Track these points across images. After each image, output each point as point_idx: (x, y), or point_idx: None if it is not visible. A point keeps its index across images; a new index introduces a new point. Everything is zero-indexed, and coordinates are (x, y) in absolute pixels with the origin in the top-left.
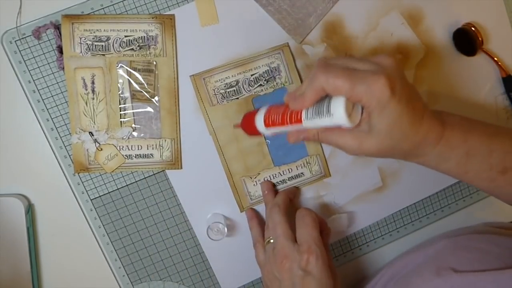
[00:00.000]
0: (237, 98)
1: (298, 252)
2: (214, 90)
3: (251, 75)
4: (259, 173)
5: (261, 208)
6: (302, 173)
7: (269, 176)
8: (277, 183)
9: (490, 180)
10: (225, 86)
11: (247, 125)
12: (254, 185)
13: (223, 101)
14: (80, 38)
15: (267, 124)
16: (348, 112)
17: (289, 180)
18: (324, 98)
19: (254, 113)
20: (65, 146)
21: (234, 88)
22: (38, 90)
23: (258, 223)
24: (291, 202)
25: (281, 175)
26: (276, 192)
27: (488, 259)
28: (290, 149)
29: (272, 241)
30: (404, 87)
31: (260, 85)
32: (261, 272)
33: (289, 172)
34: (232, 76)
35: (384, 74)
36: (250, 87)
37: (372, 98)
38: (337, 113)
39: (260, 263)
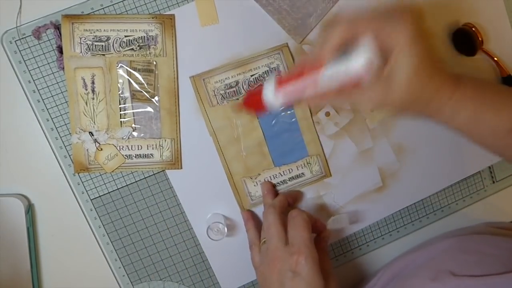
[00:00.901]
0: (237, 99)
1: (288, 253)
2: (214, 91)
3: (251, 75)
4: (259, 174)
5: (261, 209)
6: (302, 173)
7: (270, 176)
8: (278, 183)
9: (499, 138)
10: (225, 87)
11: (251, 100)
12: (254, 185)
13: (223, 102)
14: (80, 38)
15: (280, 83)
16: (371, 59)
17: (289, 180)
18: (343, 55)
19: (259, 88)
20: (65, 146)
21: (234, 89)
22: (38, 90)
23: (255, 225)
24: (290, 206)
25: (282, 175)
26: (276, 193)
27: (488, 262)
28: (290, 149)
29: (262, 244)
30: (423, 36)
31: (260, 85)
32: (256, 274)
33: (290, 172)
34: (232, 76)
35: (410, 17)
36: (250, 87)
37: (399, 36)
38: (360, 58)
39: (255, 265)
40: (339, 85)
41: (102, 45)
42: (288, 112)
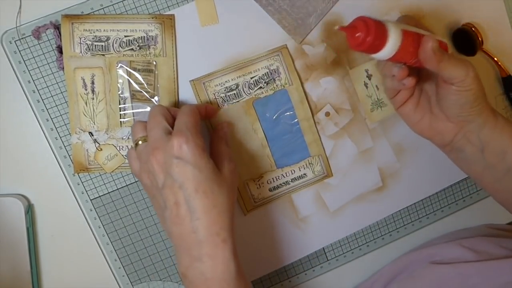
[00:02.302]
0: (238, 101)
1: (169, 140)
2: (214, 94)
3: (251, 78)
4: (262, 176)
5: (263, 211)
6: (305, 174)
7: (272, 178)
8: (280, 184)
9: (496, 179)
10: (225, 90)
11: (366, 31)
12: (257, 188)
13: (223, 105)
14: (80, 38)
15: (406, 37)
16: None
17: (292, 181)
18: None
19: (379, 25)
20: (64, 146)
21: (234, 92)
22: (37, 90)
23: (144, 124)
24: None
25: (284, 176)
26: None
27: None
28: (292, 150)
29: (137, 144)
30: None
31: (260, 87)
32: (142, 184)
33: (292, 173)
34: (232, 79)
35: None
36: (250, 90)
37: (463, 71)
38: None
39: (136, 172)
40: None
41: (102, 45)
42: (289, 113)
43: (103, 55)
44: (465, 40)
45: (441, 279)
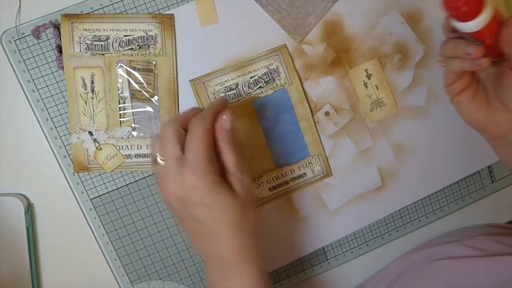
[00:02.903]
0: (237, 101)
1: (182, 176)
2: (214, 93)
3: (251, 77)
4: (262, 176)
5: (263, 210)
6: (304, 174)
7: (272, 178)
8: (280, 184)
9: None
10: (225, 90)
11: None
12: (257, 187)
13: None
14: (80, 38)
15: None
16: None
17: (291, 181)
18: None
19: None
20: (64, 146)
21: (234, 91)
22: (37, 89)
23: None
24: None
25: (284, 176)
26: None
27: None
28: (292, 150)
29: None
30: None
31: (260, 87)
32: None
33: (292, 173)
34: (232, 79)
35: None
36: (249, 89)
37: None
38: None
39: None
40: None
41: (102, 45)
42: (289, 112)
43: (103, 54)
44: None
45: (449, 276)
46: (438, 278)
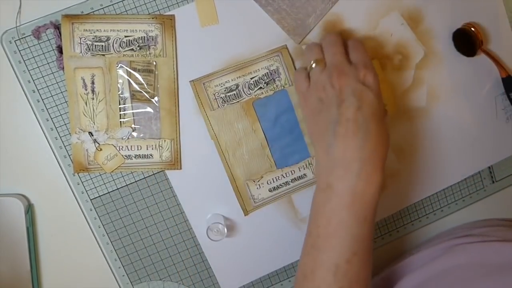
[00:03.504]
0: (238, 102)
1: (355, 69)
2: (214, 94)
3: (251, 78)
4: (262, 177)
5: (263, 211)
6: (304, 174)
7: (272, 178)
8: (280, 185)
9: None
10: (225, 90)
11: None
12: (257, 188)
13: (223, 105)
14: (80, 38)
15: None
16: None
17: (292, 181)
18: None
19: None
20: (64, 146)
21: (234, 92)
22: (37, 90)
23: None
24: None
25: (284, 177)
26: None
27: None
28: (292, 151)
29: (314, 65)
30: None
31: (260, 87)
32: (300, 102)
33: (292, 174)
34: (232, 80)
35: None
36: (250, 90)
37: None
38: None
39: (302, 89)
40: None
41: (102, 45)
42: (289, 113)
43: (103, 55)
44: (465, 40)
45: (480, 253)
46: (467, 257)
